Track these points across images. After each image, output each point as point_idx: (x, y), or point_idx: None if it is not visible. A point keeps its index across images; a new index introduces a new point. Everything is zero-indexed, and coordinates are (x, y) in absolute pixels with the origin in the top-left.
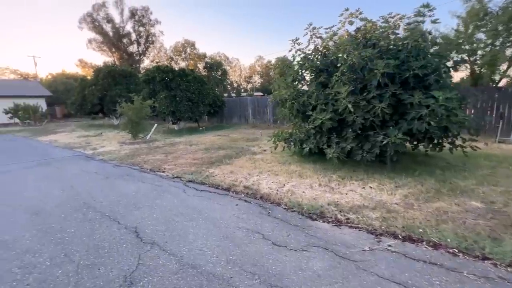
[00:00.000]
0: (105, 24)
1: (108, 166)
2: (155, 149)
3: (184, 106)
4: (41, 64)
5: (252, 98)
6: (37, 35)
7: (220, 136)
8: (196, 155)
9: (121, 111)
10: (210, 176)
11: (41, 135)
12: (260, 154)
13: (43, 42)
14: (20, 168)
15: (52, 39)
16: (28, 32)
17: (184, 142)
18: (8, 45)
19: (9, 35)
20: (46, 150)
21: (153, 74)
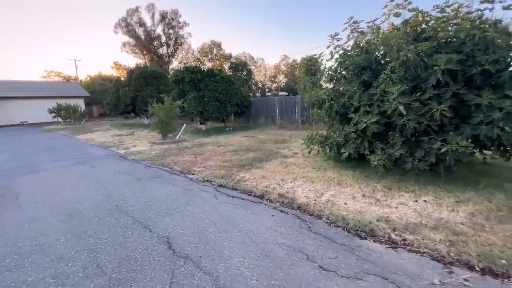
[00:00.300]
0: (137, 28)
1: (140, 167)
2: (184, 150)
3: (212, 106)
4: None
5: (279, 98)
6: (78, 40)
7: (247, 137)
8: (225, 157)
9: (152, 111)
10: (241, 181)
11: (80, 133)
12: (292, 158)
13: (83, 46)
14: (59, 166)
15: (91, 44)
16: (71, 37)
17: (212, 143)
18: (54, 50)
19: (55, 41)
20: (83, 149)
21: (183, 74)
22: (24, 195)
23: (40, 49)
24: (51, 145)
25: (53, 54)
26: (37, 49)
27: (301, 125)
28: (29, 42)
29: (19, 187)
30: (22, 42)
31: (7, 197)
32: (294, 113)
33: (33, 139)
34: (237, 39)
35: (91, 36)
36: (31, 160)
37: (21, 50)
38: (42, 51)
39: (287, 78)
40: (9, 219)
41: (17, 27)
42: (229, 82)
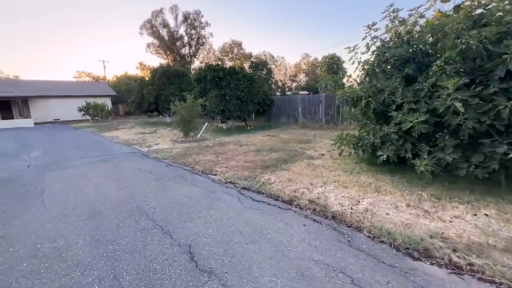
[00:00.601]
0: (161, 29)
1: (162, 166)
2: (206, 149)
3: (233, 105)
4: (109, 67)
5: (302, 97)
6: (107, 42)
7: (269, 137)
8: (247, 157)
9: (174, 109)
10: (266, 184)
11: (106, 131)
12: (319, 159)
13: (111, 48)
14: (85, 164)
15: (118, 45)
16: (101, 40)
17: (233, 142)
18: (86, 52)
19: (87, 43)
20: (108, 146)
21: (205, 72)
22: (49, 192)
23: (73, 51)
24: (79, 142)
25: (84, 55)
26: (71, 51)
27: (325, 124)
28: (64, 45)
29: (46, 183)
30: (57, 45)
31: (34, 193)
32: (317, 112)
33: (63, 136)
34: (257, 38)
35: (119, 38)
36: (60, 157)
37: (56, 52)
38: (75, 52)
39: (308, 77)
40: (32, 217)
41: (54, 31)
42: (251, 80)
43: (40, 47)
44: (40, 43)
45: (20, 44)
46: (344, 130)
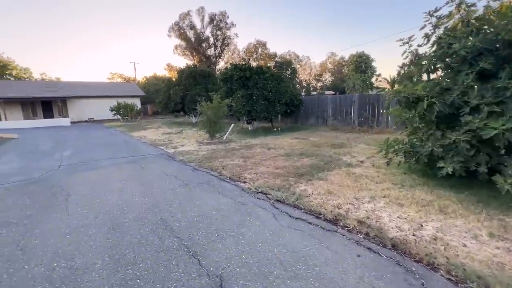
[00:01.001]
0: (188, 30)
1: (187, 169)
2: (232, 152)
3: (260, 106)
4: (139, 68)
5: (333, 97)
6: (138, 44)
7: (298, 139)
8: (277, 162)
9: (200, 110)
10: (303, 196)
11: (134, 130)
12: (359, 167)
13: (142, 50)
14: (112, 165)
15: (148, 47)
16: (132, 42)
17: (260, 145)
18: (119, 54)
19: (119, 46)
20: (136, 146)
21: (231, 72)
22: (74, 196)
23: (108, 53)
24: (109, 141)
25: (118, 57)
26: (106, 53)
27: (358, 127)
28: (100, 47)
29: (72, 186)
30: (94, 47)
31: (60, 197)
32: (349, 113)
33: (95, 135)
34: (282, 37)
35: (149, 41)
36: (89, 157)
37: (93, 54)
38: (109, 54)
39: (334, 76)
40: (54, 226)
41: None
42: (278, 79)
43: (79, 50)
44: (79, 46)
45: (62, 48)
46: (380, 134)
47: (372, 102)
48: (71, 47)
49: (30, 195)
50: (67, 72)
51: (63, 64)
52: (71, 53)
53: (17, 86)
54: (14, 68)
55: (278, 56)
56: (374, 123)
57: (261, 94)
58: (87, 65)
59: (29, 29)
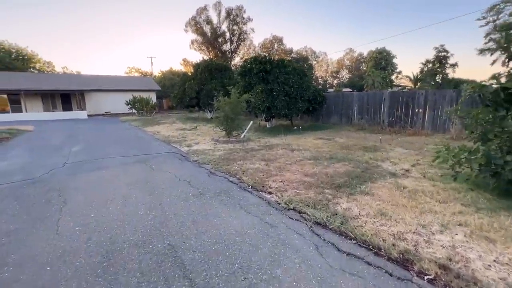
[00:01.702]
0: (205, 25)
1: (202, 173)
2: (251, 153)
3: (281, 102)
4: (155, 63)
5: (359, 94)
6: (155, 39)
7: (323, 140)
8: (305, 168)
9: (217, 105)
10: (349, 218)
11: (148, 125)
12: (406, 178)
13: (159, 45)
14: (121, 164)
15: (165, 42)
16: (150, 37)
17: (282, 145)
18: (136, 49)
19: (137, 41)
20: (148, 143)
21: (250, 65)
22: (70, 205)
23: (126, 48)
24: (121, 136)
25: (135, 52)
26: (125, 47)
27: (389, 127)
28: (119, 42)
29: (71, 191)
30: (113, 42)
31: (53, 206)
32: (378, 112)
33: (108, 129)
34: (299, 32)
35: (166, 36)
36: (99, 153)
37: (112, 49)
38: (128, 49)
39: (351, 73)
40: (36, 251)
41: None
42: (301, 74)
43: (98, 45)
44: (99, 41)
45: (83, 43)
46: (415, 136)
47: (406, 100)
48: (92, 42)
49: (22, 200)
50: (87, 66)
51: (83, 59)
52: (92, 48)
53: (37, 78)
54: (38, 61)
55: (295, 52)
56: (408, 123)
57: (282, 90)
58: (106, 59)
59: (53, 25)
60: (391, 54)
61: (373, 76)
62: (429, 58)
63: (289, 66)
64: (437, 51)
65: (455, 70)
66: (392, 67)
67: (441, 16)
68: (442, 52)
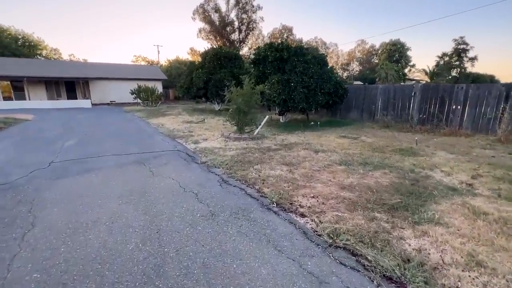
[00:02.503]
0: (213, 13)
1: (213, 181)
2: (269, 153)
3: (299, 94)
4: (162, 52)
5: (385, 87)
6: (163, 27)
7: (347, 139)
8: (338, 176)
9: (229, 97)
10: (431, 270)
11: (153, 116)
12: (474, 197)
13: (166, 33)
14: (116, 166)
15: (173, 31)
16: (156, 25)
17: (302, 144)
18: (144, 37)
19: (144, 29)
20: (150, 138)
21: (265, 53)
22: (37, 231)
23: (134, 36)
24: (123, 129)
25: (142, 40)
26: (131, 36)
27: (419, 125)
28: (127, 30)
29: (47, 205)
30: (121, 30)
31: (14, 230)
32: (406, 107)
33: (110, 121)
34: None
35: (174, 24)
36: (94, 150)
37: (120, 37)
38: (135, 37)
39: (362, 65)
40: None
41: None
42: (321, 63)
43: (106, 33)
44: (106, 29)
45: (91, 30)
46: (452, 136)
47: (442, 94)
48: (98, 30)
49: None
50: (94, 54)
51: (90, 47)
52: (98, 36)
53: (41, 65)
54: (45, 48)
55: (304, 43)
56: (442, 121)
57: (300, 81)
58: (113, 48)
59: (59, 12)
60: (406, 46)
61: (386, 69)
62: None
63: (308, 54)
64: (456, 44)
65: (474, 64)
66: (406, 60)
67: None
68: (461, 45)
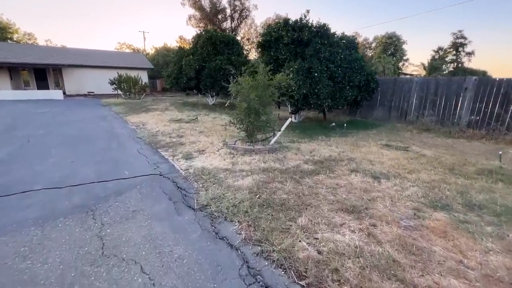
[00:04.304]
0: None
1: (229, 272)
2: (305, 181)
3: (325, 88)
4: (149, 39)
5: (423, 80)
6: (149, 13)
7: (397, 151)
8: (460, 246)
9: (235, 90)
10: None
11: (133, 112)
12: None
13: (153, 20)
14: (30, 224)
15: (160, 18)
16: (143, 11)
17: (342, 161)
18: (129, 24)
19: (129, 15)
20: (122, 148)
21: (278, 33)
22: None
23: (117, 22)
24: (88, 131)
25: (127, 27)
26: (115, 22)
27: (470, 129)
28: (109, 16)
29: None
30: (102, 16)
31: None
32: (453, 106)
33: (78, 117)
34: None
35: (161, 10)
36: (17, 175)
37: (101, 23)
38: (118, 24)
39: None
40: None
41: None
42: (351, 47)
43: (87, 18)
44: (87, 14)
45: (70, 15)
46: None
47: (505, 91)
48: (80, 14)
49: None
50: (74, 41)
51: (70, 33)
52: (79, 21)
53: (3, 48)
54: (16, 31)
55: None
56: (504, 125)
57: (325, 70)
58: (96, 35)
59: None
60: (401, 39)
61: (383, 63)
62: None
63: (333, 36)
64: (455, 37)
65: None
66: (401, 53)
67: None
68: (459, 39)
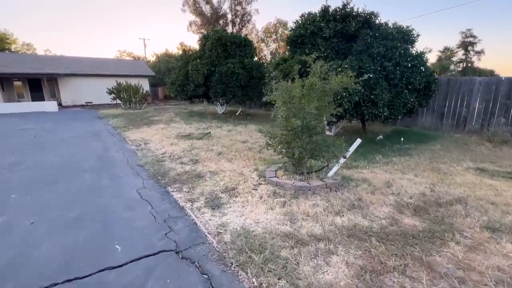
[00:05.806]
0: (204, 5)
1: None
2: (433, 260)
3: (383, 93)
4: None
5: (489, 79)
6: (150, 21)
7: (504, 180)
8: None
9: (271, 99)
10: None
11: (133, 126)
12: None
13: (153, 27)
14: None
15: (160, 25)
16: (143, 18)
17: (449, 203)
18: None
19: (129, 22)
20: (116, 188)
21: (313, 25)
22: None
23: (117, 30)
24: (75, 157)
25: (127, 35)
26: (115, 30)
27: None
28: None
29: None
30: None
31: None
32: None
33: (68, 134)
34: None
35: (161, 17)
36: None
37: (102, 31)
38: (119, 32)
39: None
40: None
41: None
42: (408, 40)
43: (86, 27)
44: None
45: (69, 24)
46: None
47: None
48: (80, 23)
49: None
50: (74, 50)
51: (69, 42)
52: (78, 31)
53: None
54: (14, 42)
55: None
56: None
57: (380, 70)
58: (95, 43)
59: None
60: None
61: None
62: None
63: (386, 31)
64: (464, 36)
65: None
66: None
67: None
68: (468, 38)
